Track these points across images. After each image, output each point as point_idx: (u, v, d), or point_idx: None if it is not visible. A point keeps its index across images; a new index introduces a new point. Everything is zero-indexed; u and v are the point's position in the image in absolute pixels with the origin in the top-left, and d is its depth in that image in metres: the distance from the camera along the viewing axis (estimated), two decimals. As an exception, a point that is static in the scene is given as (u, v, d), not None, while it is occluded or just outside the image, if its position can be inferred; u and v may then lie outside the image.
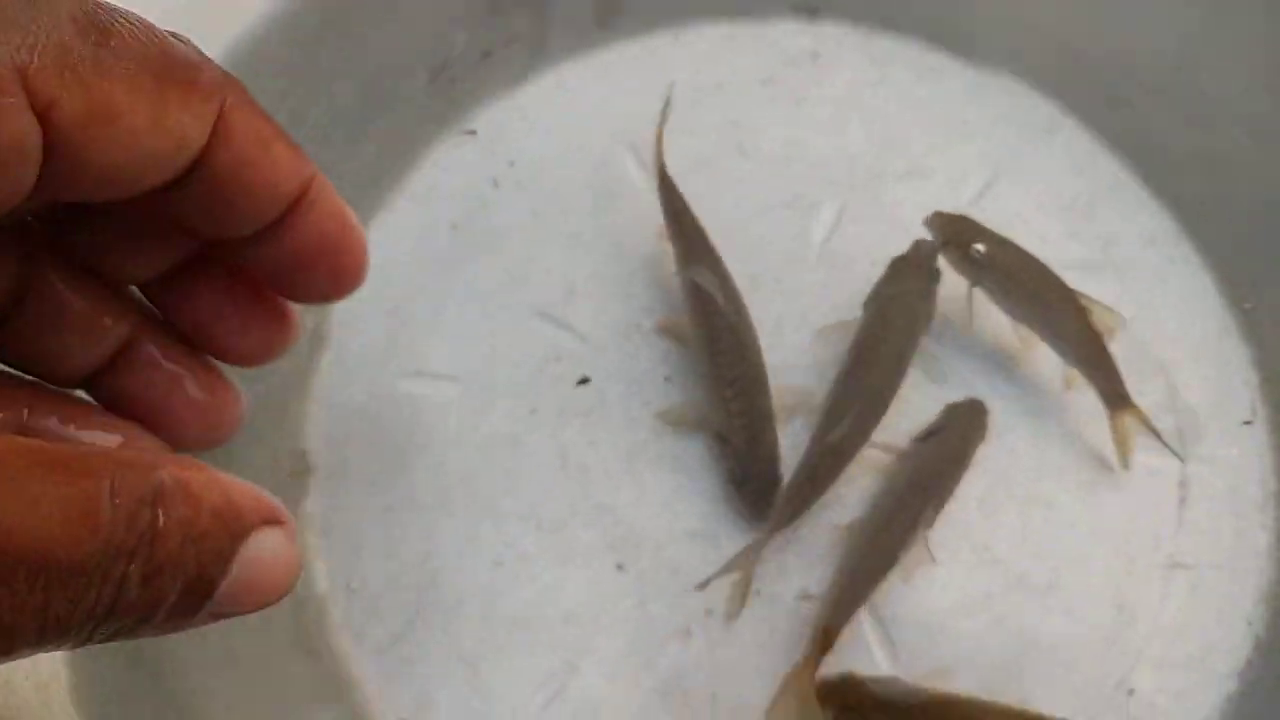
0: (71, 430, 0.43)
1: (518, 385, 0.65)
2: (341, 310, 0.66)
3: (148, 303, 0.44)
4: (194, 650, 0.55)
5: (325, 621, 0.60)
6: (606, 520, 0.62)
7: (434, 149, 0.70)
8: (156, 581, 0.31)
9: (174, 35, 0.36)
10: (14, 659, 0.30)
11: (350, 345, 0.65)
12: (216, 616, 0.34)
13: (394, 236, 0.67)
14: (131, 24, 0.34)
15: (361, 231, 0.43)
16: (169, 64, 0.34)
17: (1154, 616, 0.60)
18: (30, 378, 0.42)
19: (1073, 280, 0.65)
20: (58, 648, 0.31)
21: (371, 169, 0.68)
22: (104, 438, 0.43)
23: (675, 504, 0.62)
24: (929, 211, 0.63)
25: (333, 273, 0.42)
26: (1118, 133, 0.69)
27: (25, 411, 0.42)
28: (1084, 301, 0.61)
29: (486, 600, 0.61)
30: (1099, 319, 0.61)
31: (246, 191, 0.38)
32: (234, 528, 0.33)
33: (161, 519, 0.31)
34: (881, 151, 0.69)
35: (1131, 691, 0.58)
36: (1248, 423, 0.63)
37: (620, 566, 0.61)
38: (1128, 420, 0.61)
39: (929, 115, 0.69)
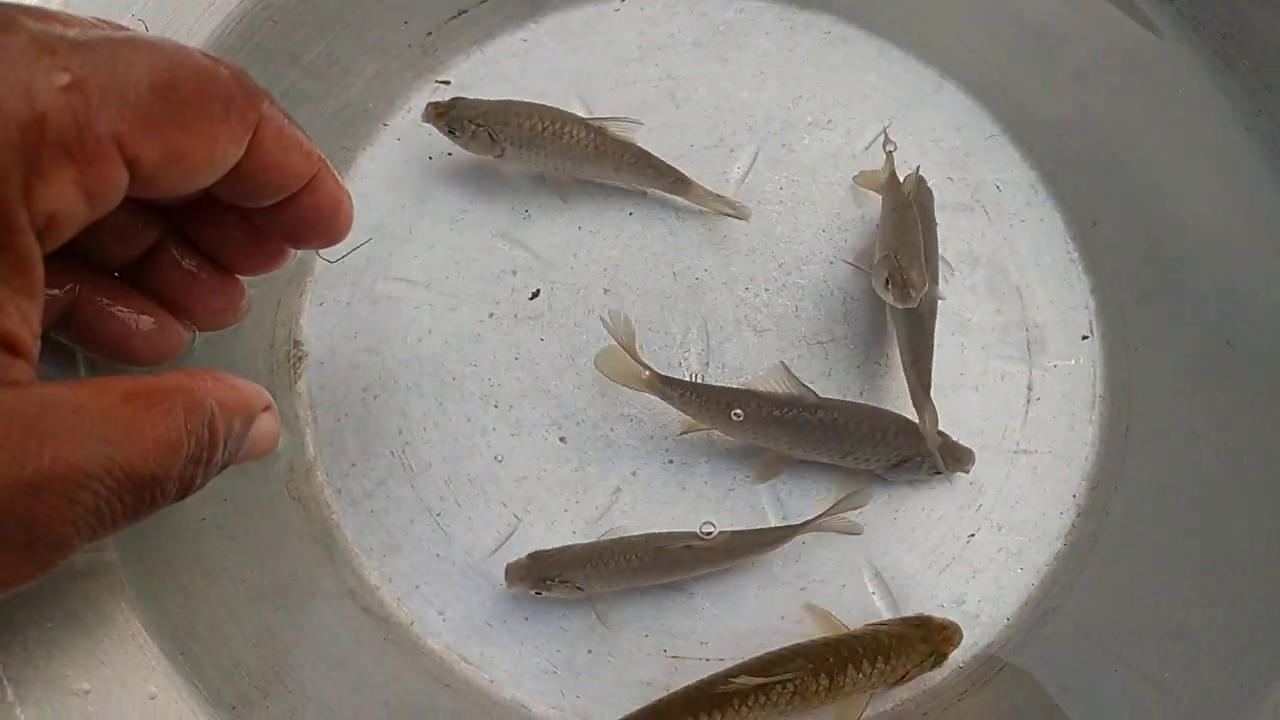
0: (114, 308, 0.55)
1: (480, 292, 0.77)
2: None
3: (173, 220, 0.56)
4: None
5: (311, 479, 0.72)
6: (552, 402, 0.74)
7: (413, 95, 0.82)
8: (210, 473, 0.46)
9: (215, 59, 0.46)
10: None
11: (339, 254, 0.77)
12: (221, 469, 0.48)
13: (379, 166, 0.79)
14: (190, 69, 0.44)
15: (350, 203, 0.55)
16: (217, 101, 0.45)
17: (1000, 490, 0.73)
18: (75, 262, 0.54)
19: (949, 217, 0.78)
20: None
21: (359, 105, 0.79)
22: (136, 318, 0.56)
23: (609, 391, 0.74)
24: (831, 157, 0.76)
25: (324, 234, 0.55)
26: (992, 96, 0.81)
27: (76, 288, 0.54)
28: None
29: (449, 464, 0.73)
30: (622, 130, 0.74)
31: (266, 184, 0.50)
32: (249, 420, 0.49)
33: (212, 435, 0.45)
34: (793, 105, 0.81)
35: (972, 536, 0.71)
36: (1085, 337, 0.76)
37: (563, 439, 0.73)
38: (696, 191, 0.75)
39: (834, 77, 0.82)
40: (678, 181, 0.76)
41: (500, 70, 0.81)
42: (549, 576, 0.66)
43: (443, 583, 0.69)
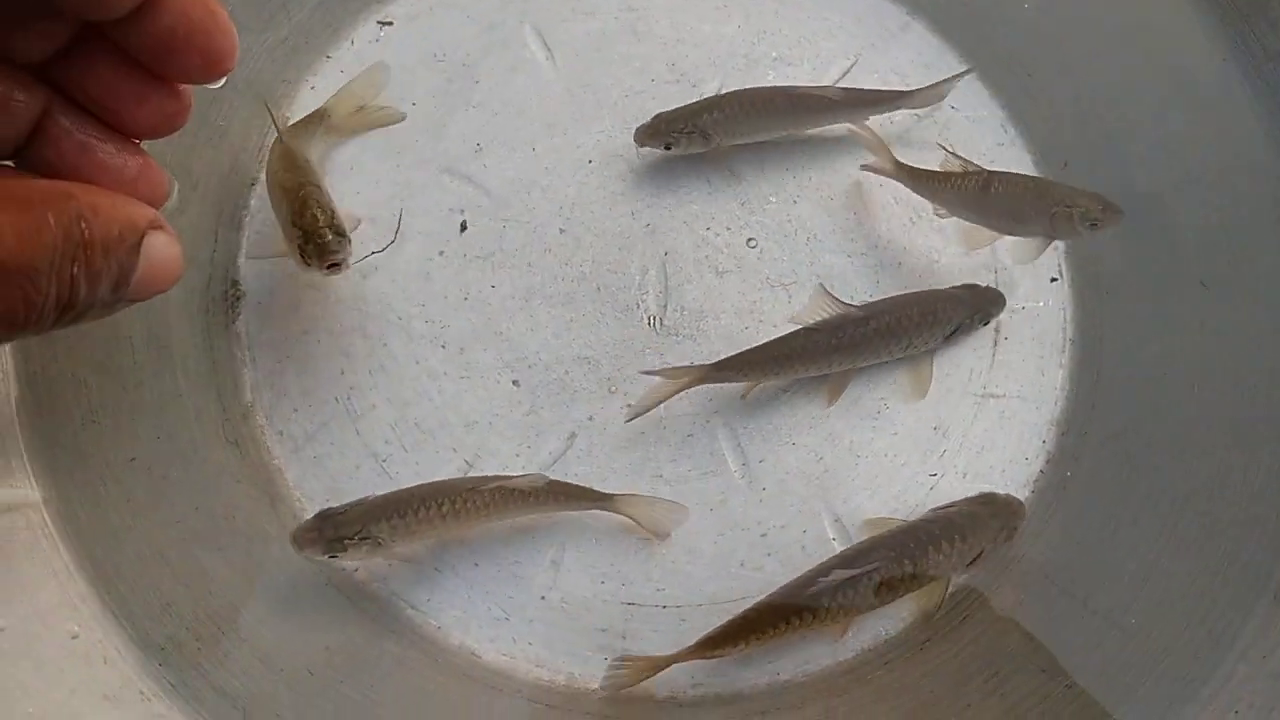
0: None
1: (427, 230, 0.73)
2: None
3: (55, 87, 0.51)
4: (131, 422, 0.63)
5: (250, 422, 0.69)
6: (504, 345, 0.71)
7: (358, 26, 0.78)
8: (95, 280, 0.42)
9: None
10: None
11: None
12: (130, 301, 0.45)
13: (322, 98, 0.75)
14: None
15: (226, 18, 0.49)
16: None
17: (964, 436, 0.71)
18: None
19: (916, 155, 0.75)
20: (32, 333, 0.40)
21: (300, 37, 0.75)
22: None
23: (564, 333, 0.72)
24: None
25: (201, 54, 0.48)
26: (959, 34, 0.79)
27: None
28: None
29: (396, 408, 0.70)
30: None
31: None
32: (135, 231, 0.44)
33: (88, 231, 0.41)
34: (757, 41, 0.78)
35: (934, 476, 0.69)
36: (1054, 280, 0.74)
37: (516, 383, 0.70)
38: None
39: (799, 13, 0.79)
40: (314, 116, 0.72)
41: (449, 3, 0.78)
42: (345, 535, 0.59)
43: (388, 528, 0.66)
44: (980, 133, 0.76)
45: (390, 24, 0.77)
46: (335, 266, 0.64)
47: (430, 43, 0.76)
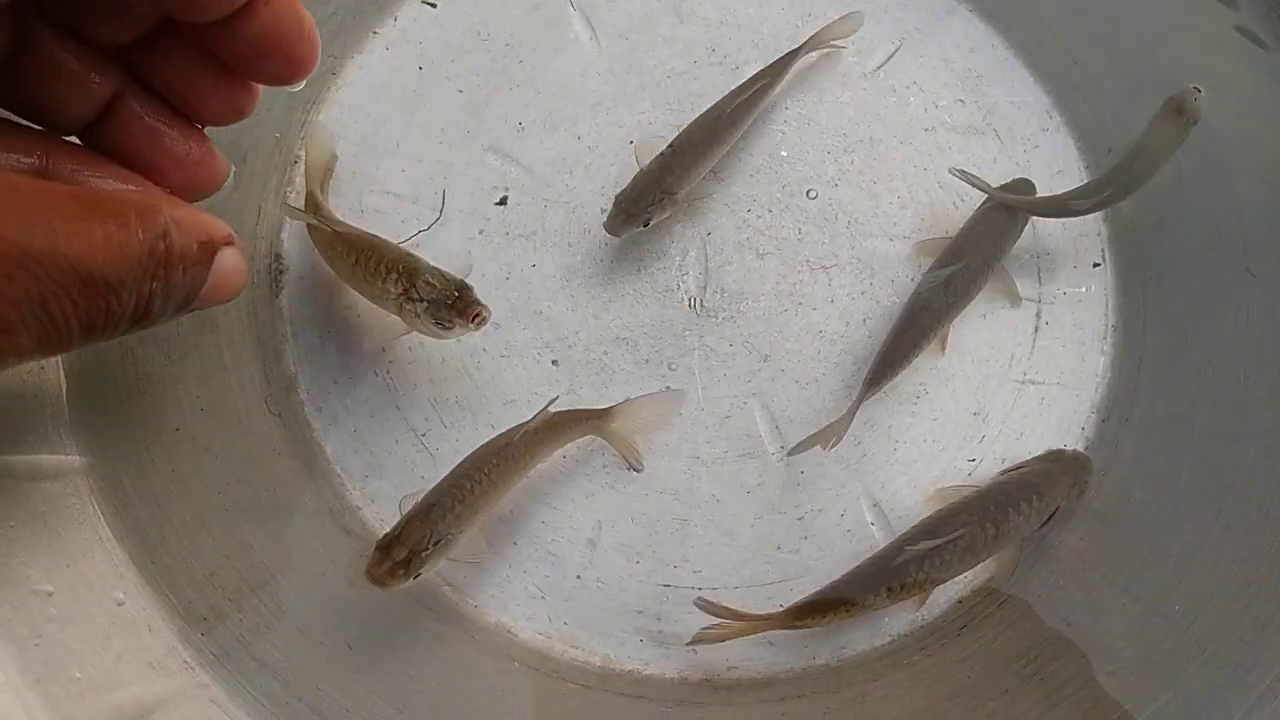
0: (86, 175, 0.52)
1: (469, 208, 0.74)
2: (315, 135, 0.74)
3: (129, 69, 0.51)
4: (175, 392, 0.64)
5: (292, 395, 0.69)
6: (543, 324, 0.71)
7: (403, 2, 0.78)
8: (170, 293, 0.43)
9: None
10: (70, 349, 0.40)
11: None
12: (193, 310, 0.46)
13: (365, 76, 0.76)
14: None
15: (313, 28, 0.51)
16: None
17: (1004, 421, 0.70)
18: (44, 130, 0.50)
19: (960, 139, 0.75)
20: (103, 340, 0.42)
21: (347, 12, 0.76)
22: (114, 185, 0.52)
23: (603, 314, 0.72)
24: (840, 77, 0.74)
25: (286, 59, 0.50)
26: (1005, 19, 0.78)
27: (45, 157, 0.51)
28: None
29: (436, 385, 0.70)
30: None
31: None
32: (210, 249, 0.45)
33: (168, 249, 0.42)
34: (800, 24, 0.78)
35: (973, 462, 0.68)
36: (1097, 265, 0.73)
37: (555, 362, 0.71)
38: None
39: (843, -5, 0.79)
40: None
41: (495, -18, 0.78)
42: (419, 549, 0.57)
43: (427, 504, 0.66)
44: (1025, 118, 0.76)
45: (434, 5, 0.77)
46: (482, 319, 0.61)
47: (474, 22, 0.76)
